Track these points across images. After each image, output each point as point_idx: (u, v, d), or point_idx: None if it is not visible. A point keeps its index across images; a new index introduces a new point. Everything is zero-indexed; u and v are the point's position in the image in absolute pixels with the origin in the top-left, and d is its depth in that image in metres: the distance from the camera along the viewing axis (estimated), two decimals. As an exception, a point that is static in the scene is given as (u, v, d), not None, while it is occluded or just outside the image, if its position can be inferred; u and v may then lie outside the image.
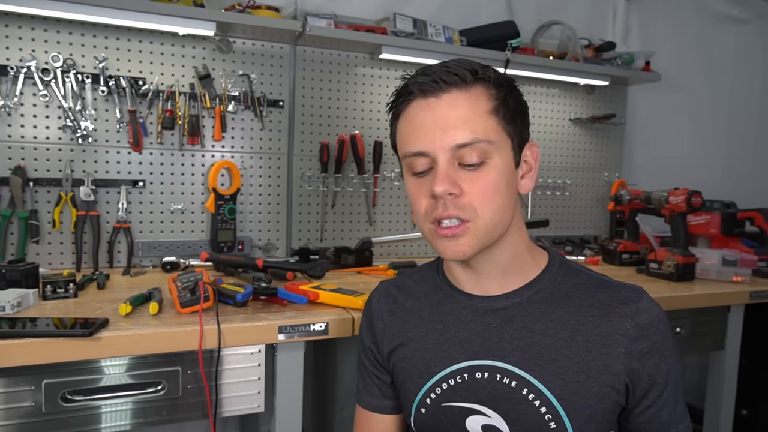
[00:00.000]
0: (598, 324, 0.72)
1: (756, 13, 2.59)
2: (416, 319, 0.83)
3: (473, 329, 0.77)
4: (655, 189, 1.85)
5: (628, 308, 0.72)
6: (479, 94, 0.71)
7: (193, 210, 1.73)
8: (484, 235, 0.72)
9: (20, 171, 1.50)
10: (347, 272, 1.69)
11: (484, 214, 0.70)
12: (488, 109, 0.71)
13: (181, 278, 1.16)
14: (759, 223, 1.94)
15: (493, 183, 0.71)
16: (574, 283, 0.77)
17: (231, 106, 1.72)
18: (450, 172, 0.70)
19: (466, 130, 0.69)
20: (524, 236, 0.79)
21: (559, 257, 0.81)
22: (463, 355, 0.76)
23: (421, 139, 0.71)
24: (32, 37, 1.51)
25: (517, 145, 0.74)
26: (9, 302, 1.06)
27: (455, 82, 0.70)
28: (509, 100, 0.73)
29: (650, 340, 0.71)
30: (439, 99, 0.71)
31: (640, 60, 2.18)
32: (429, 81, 0.71)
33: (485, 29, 1.96)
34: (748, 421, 1.99)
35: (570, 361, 0.71)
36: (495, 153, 0.71)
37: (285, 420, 1.18)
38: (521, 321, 0.75)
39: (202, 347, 1.04)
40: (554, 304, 0.75)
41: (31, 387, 0.97)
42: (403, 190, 2.01)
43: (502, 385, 0.73)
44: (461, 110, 0.70)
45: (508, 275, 0.78)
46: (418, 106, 0.72)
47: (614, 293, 0.75)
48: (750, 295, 1.60)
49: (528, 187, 0.77)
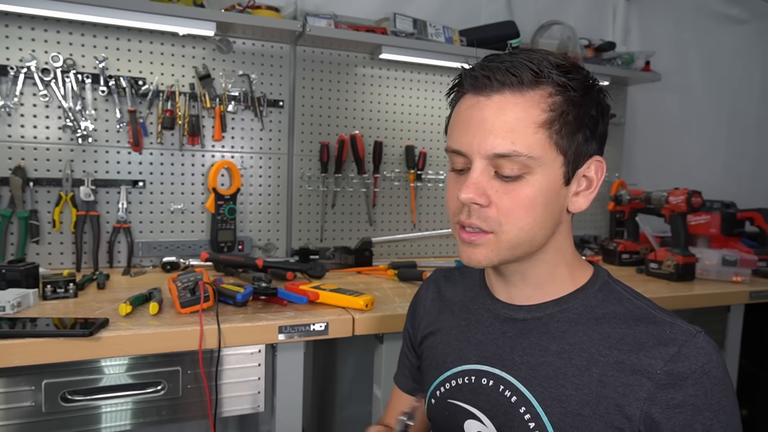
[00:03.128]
0: (622, 359, 0.65)
1: (755, 13, 2.59)
2: (448, 312, 0.84)
3: (490, 334, 0.76)
4: (655, 189, 1.85)
5: (666, 350, 0.63)
6: (534, 102, 0.64)
7: (193, 210, 1.73)
8: (505, 251, 0.67)
9: (20, 171, 1.50)
10: (347, 272, 1.69)
11: (509, 230, 0.66)
12: (540, 121, 0.63)
13: (181, 278, 1.16)
14: (759, 223, 1.94)
15: (527, 200, 0.65)
16: (611, 310, 0.69)
17: (231, 106, 1.72)
18: (482, 180, 0.65)
19: (507, 140, 0.63)
20: (566, 254, 0.73)
21: (605, 279, 0.73)
22: (475, 357, 0.76)
23: (462, 139, 0.67)
24: (32, 37, 1.51)
25: (574, 160, 0.67)
26: (9, 302, 1.06)
27: (510, 83, 0.64)
28: (573, 112, 0.65)
29: (684, 393, 0.61)
30: (489, 99, 0.65)
31: (640, 60, 2.18)
32: (483, 77, 0.65)
33: (485, 29, 1.96)
34: (748, 421, 1.99)
35: (577, 391, 0.66)
36: (537, 169, 0.64)
37: (285, 420, 1.18)
38: (537, 337, 0.71)
39: (203, 347, 1.04)
40: (578, 327, 0.69)
41: (31, 387, 0.97)
42: (403, 191, 2.01)
43: (503, 397, 0.71)
44: (508, 117, 0.63)
45: (539, 289, 0.73)
46: (468, 102, 0.67)
47: (656, 331, 0.65)
48: (750, 295, 1.60)
49: (580, 206, 0.70)
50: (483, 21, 2.04)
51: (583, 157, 0.68)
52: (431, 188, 2.05)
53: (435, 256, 2.07)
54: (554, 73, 0.64)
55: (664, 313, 0.68)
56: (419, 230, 2.04)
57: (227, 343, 1.07)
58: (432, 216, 2.07)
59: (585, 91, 0.66)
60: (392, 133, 1.98)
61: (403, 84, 1.98)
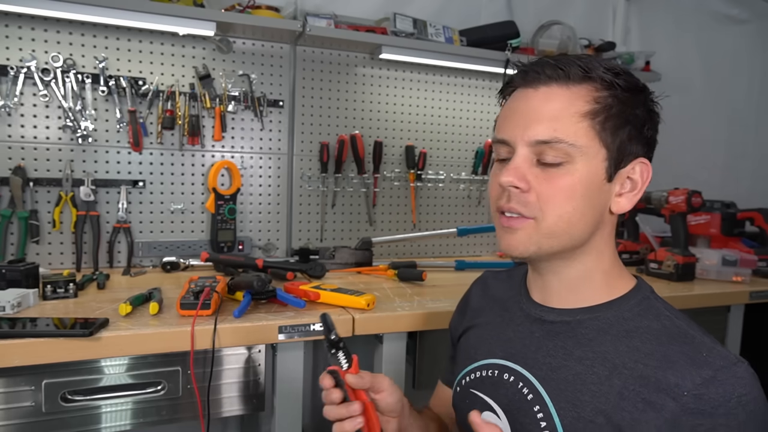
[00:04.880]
0: (647, 375, 0.62)
1: (756, 13, 2.59)
2: (488, 310, 0.86)
3: (519, 333, 0.77)
4: (655, 189, 1.85)
5: (699, 373, 0.59)
6: (580, 94, 0.66)
7: (193, 210, 1.73)
8: (544, 239, 0.67)
9: (20, 171, 1.50)
10: (347, 272, 1.69)
11: (548, 217, 0.66)
12: (583, 112, 0.65)
13: (198, 281, 1.19)
14: (759, 223, 1.94)
15: (567, 187, 0.65)
16: (646, 325, 0.67)
17: (231, 106, 1.72)
18: (523, 166, 0.66)
19: (549, 127, 0.65)
20: (604, 260, 0.72)
21: (647, 294, 0.72)
22: (501, 352, 0.77)
23: (507, 128, 0.69)
24: (32, 37, 1.51)
25: (617, 157, 0.67)
26: (9, 302, 1.06)
27: (558, 77, 0.66)
28: (617, 107, 0.66)
29: (713, 422, 0.57)
30: (537, 91, 0.68)
31: (640, 60, 2.18)
32: (532, 71, 0.68)
33: (485, 29, 1.96)
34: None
35: (593, 398, 0.65)
36: (579, 158, 0.65)
37: (285, 420, 1.18)
38: (563, 340, 0.71)
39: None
40: (607, 336, 0.68)
41: (31, 387, 0.97)
42: (403, 191, 2.01)
43: (521, 394, 0.72)
44: (553, 106, 0.66)
45: (573, 293, 0.73)
46: (517, 95, 0.70)
47: (691, 351, 0.62)
48: (750, 295, 1.60)
49: (623, 207, 0.69)
50: (483, 21, 2.04)
51: (627, 155, 0.68)
52: (431, 188, 2.05)
53: (435, 256, 2.07)
54: (602, 71, 0.66)
55: (706, 337, 0.65)
56: (419, 230, 2.04)
57: (227, 343, 1.07)
58: (432, 216, 2.07)
59: (632, 91, 0.68)
60: (392, 133, 1.98)
61: (403, 84, 1.98)
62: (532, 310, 0.77)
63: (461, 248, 2.13)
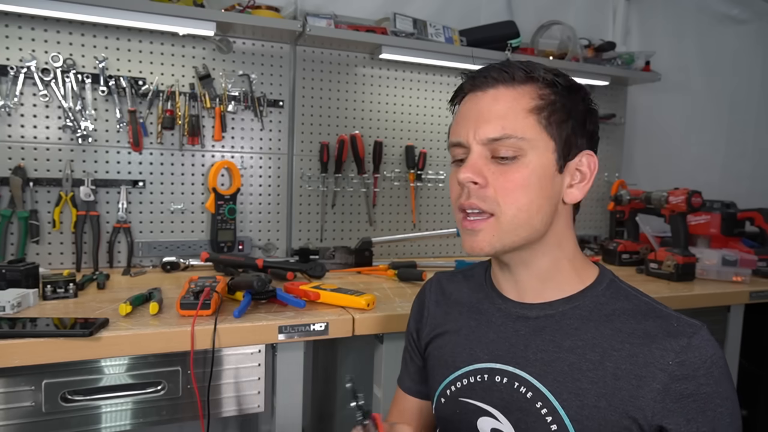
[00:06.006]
0: (635, 352, 0.68)
1: (756, 13, 2.59)
2: (456, 314, 0.85)
3: (502, 333, 0.77)
4: (655, 189, 1.85)
5: (677, 342, 0.66)
6: (525, 93, 0.71)
7: (193, 210, 1.73)
8: (506, 234, 0.71)
9: (20, 171, 1.50)
10: (347, 272, 1.69)
11: (507, 211, 0.70)
12: (529, 108, 0.70)
13: (198, 281, 1.18)
14: (759, 223, 1.94)
15: (522, 180, 0.69)
16: (620, 306, 0.72)
17: (231, 106, 1.72)
18: (479, 162, 0.71)
19: (498, 125, 0.69)
20: (567, 249, 0.77)
21: (611, 277, 0.77)
22: (487, 355, 0.77)
23: (460, 130, 0.73)
24: (32, 37, 1.51)
25: (564, 149, 0.72)
26: (9, 302, 1.06)
27: (503, 79, 0.71)
28: (560, 102, 0.71)
29: (696, 383, 0.65)
30: (485, 93, 0.72)
31: (640, 60, 2.18)
32: (480, 77, 0.73)
33: (485, 29, 1.96)
34: (748, 421, 1.99)
35: (592, 385, 0.68)
36: (530, 151, 0.69)
37: (285, 420, 1.18)
38: (550, 334, 0.73)
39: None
40: (590, 323, 0.72)
41: (31, 387, 0.97)
42: (403, 191, 2.01)
43: (518, 393, 0.72)
44: (501, 105, 0.70)
45: (545, 284, 0.76)
46: (467, 100, 0.75)
47: (664, 324, 0.69)
48: (750, 295, 1.60)
49: (575, 197, 0.74)
50: (483, 21, 2.04)
51: (574, 148, 0.73)
52: (431, 188, 2.05)
53: (435, 256, 2.07)
54: (543, 72, 0.72)
55: (667, 309, 0.72)
56: (419, 230, 2.04)
57: (228, 343, 1.07)
58: (432, 216, 2.07)
59: (571, 89, 0.73)
60: (392, 133, 1.98)
61: (403, 84, 1.98)
62: (512, 308, 0.78)
63: (461, 248, 2.12)
